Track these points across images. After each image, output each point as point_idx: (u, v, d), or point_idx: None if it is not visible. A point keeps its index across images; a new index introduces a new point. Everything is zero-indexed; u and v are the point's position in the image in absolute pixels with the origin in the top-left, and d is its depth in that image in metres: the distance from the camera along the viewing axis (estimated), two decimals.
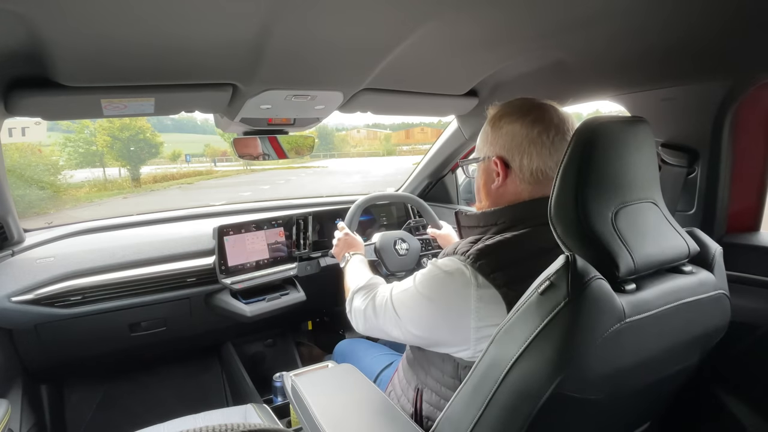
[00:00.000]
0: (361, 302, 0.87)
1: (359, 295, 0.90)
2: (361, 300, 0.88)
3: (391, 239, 1.44)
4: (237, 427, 0.36)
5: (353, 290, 0.93)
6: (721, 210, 0.95)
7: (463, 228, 0.81)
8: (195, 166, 22.67)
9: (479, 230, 0.76)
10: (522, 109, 0.75)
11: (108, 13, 0.64)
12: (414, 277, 0.76)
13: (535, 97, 0.78)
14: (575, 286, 0.50)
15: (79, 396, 1.58)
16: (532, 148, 0.72)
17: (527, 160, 0.72)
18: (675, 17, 0.73)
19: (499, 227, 0.73)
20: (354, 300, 0.91)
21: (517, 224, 0.71)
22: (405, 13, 0.73)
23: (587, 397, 0.55)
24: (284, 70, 0.92)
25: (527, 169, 0.72)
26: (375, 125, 40.95)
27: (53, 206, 10.04)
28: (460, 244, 0.72)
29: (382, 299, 0.82)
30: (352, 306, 0.91)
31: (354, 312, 0.90)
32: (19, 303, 1.21)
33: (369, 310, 0.84)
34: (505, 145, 0.74)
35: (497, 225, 0.73)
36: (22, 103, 0.87)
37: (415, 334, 0.73)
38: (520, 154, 0.73)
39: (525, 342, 0.52)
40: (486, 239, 0.70)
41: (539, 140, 0.71)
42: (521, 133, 0.72)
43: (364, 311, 0.85)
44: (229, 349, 1.76)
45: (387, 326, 0.79)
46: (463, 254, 0.68)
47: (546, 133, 0.71)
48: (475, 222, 0.77)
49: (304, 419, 0.79)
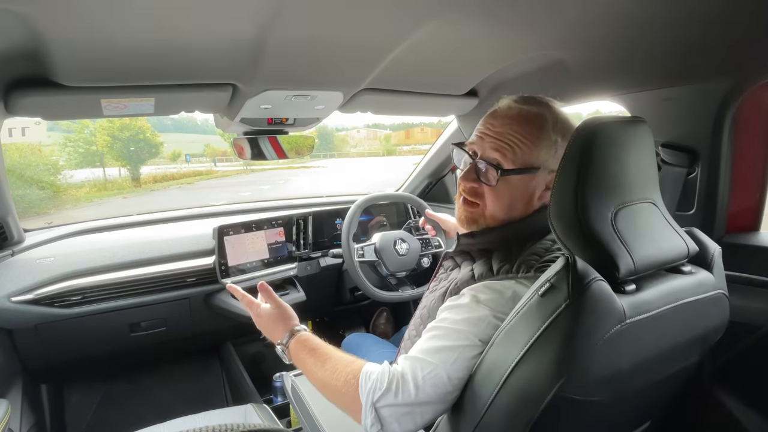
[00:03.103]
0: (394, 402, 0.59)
1: (388, 396, 0.59)
2: (393, 398, 0.59)
3: (391, 239, 1.44)
4: (237, 427, 0.36)
5: (364, 396, 0.61)
6: (721, 210, 0.95)
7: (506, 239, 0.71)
8: (195, 166, 22.65)
9: (521, 240, 0.70)
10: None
11: (108, 13, 0.64)
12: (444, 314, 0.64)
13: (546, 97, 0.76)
14: (576, 288, 0.50)
15: (79, 396, 1.58)
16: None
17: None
18: (675, 17, 0.73)
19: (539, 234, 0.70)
20: (365, 406, 0.60)
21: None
22: (405, 13, 0.73)
23: (589, 399, 0.55)
24: (284, 70, 0.92)
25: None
26: (375, 125, 40.97)
27: (53, 206, 10.03)
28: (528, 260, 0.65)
29: (403, 372, 0.61)
30: (382, 415, 0.60)
31: (368, 420, 0.60)
32: (19, 303, 1.21)
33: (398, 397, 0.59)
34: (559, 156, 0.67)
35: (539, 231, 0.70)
36: (22, 103, 0.87)
37: (470, 353, 0.60)
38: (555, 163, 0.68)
39: (526, 345, 0.52)
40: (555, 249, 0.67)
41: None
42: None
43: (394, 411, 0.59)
44: (229, 349, 1.76)
45: (426, 385, 0.59)
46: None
47: None
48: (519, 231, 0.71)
49: (304, 419, 0.79)
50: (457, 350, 0.60)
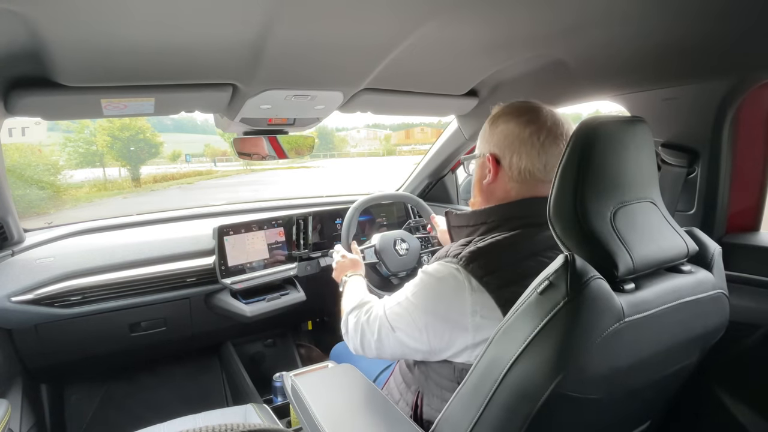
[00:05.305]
0: (355, 322, 0.84)
1: (353, 315, 0.86)
2: (355, 320, 0.84)
3: (391, 239, 1.44)
4: (237, 427, 0.36)
5: (346, 312, 0.89)
6: (721, 210, 0.95)
7: (453, 228, 0.81)
8: (195, 166, 22.64)
9: (468, 230, 0.76)
10: (519, 110, 0.76)
11: (108, 13, 0.64)
12: (406, 288, 0.75)
13: (535, 101, 0.78)
14: (574, 286, 0.50)
15: (79, 396, 1.58)
16: (522, 147, 0.73)
17: (516, 158, 0.74)
18: (675, 18, 0.73)
19: (488, 226, 0.74)
20: (348, 321, 0.87)
21: (505, 224, 0.72)
22: (405, 13, 0.73)
23: (587, 397, 0.55)
24: (284, 70, 0.92)
25: (516, 168, 0.74)
26: (375, 125, 40.95)
27: (53, 206, 10.04)
28: (452, 247, 0.72)
29: (376, 316, 0.79)
30: (348, 328, 0.86)
31: (349, 333, 0.85)
32: (19, 303, 1.21)
33: (363, 328, 0.81)
34: (498, 143, 0.76)
35: (486, 224, 0.74)
36: (22, 103, 0.87)
37: (413, 347, 0.72)
38: (510, 152, 0.74)
39: (524, 342, 0.52)
40: (477, 241, 0.70)
41: (530, 141, 0.73)
42: (514, 132, 0.74)
43: (359, 331, 0.82)
44: (229, 349, 1.76)
45: (383, 343, 0.76)
46: (455, 257, 0.68)
47: (537, 134, 0.73)
48: (465, 221, 0.78)
49: (304, 419, 0.79)
50: None
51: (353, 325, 0.84)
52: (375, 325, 0.78)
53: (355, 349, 0.85)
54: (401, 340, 0.73)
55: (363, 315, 0.83)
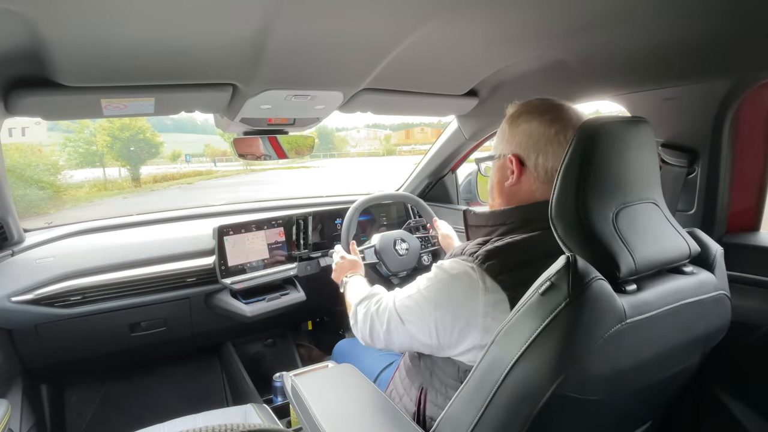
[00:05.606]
0: (364, 313, 0.84)
1: (362, 305, 0.86)
2: (364, 310, 0.84)
3: (391, 239, 1.44)
4: (237, 427, 0.36)
5: (355, 303, 0.89)
6: (721, 210, 0.95)
7: (471, 227, 0.79)
8: (195, 166, 22.67)
9: (487, 230, 0.75)
10: (540, 108, 0.74)
11: (108, 13, 0.64)
12: (418, 282, 0.74)
13: (554, 98, 0.76)
14: (576, 287, 0.50)
15: (79, 396, 1.58)
16: (548, 146, 0.71)
17: (543, 158, 0.71)
18: (675, 18, 0.73)
19: (507, 227, 0.72)
20: (357, 312, 0.86)
21: (526, 225, 0.70)
22: (405, 12, 0.73)
23: (588, 398, 0.55)
24: (284, 70, 0.92)
25: (542, 168, 0.72)
26: (375, 125, 40.99)
27: (53, 206, 10.04)
28: (468, 245, 0.71)
29: (386, 307, 0.78)
30: (357, 318, 0.86)
31: (358, 324, 0.85)
32: (19, 303, 1.21)
33: (373, 319, 0.80)
34: (521, 143, 0.73)
35: (506, 225, 0.72)
36: (22, 103, 0.87)
37: (422, 341, 0.71)
38: (536, 152, 0.72)
39: (526, 342, 0.52)
40: (495, 240, 0.69)
41: (556, 139, 0.70)
42: (538, 131, 0.72)
43: (368, 321, 0.81)
44: (229, 349, 1.76)
45: (392, 335, 0.76)
46: (470, 255, 0.67)
47: (563, 132, 0.70)
48: (484, 221, 0.76)
49: (304, 419, 0.79)
50: None
51: (362, 315, 0.84)
52: (384, 317, 0.78)
53: (363, 340, 0.85)
54: (411, 332, 0.72)
55: (373, 305, 0.83)
